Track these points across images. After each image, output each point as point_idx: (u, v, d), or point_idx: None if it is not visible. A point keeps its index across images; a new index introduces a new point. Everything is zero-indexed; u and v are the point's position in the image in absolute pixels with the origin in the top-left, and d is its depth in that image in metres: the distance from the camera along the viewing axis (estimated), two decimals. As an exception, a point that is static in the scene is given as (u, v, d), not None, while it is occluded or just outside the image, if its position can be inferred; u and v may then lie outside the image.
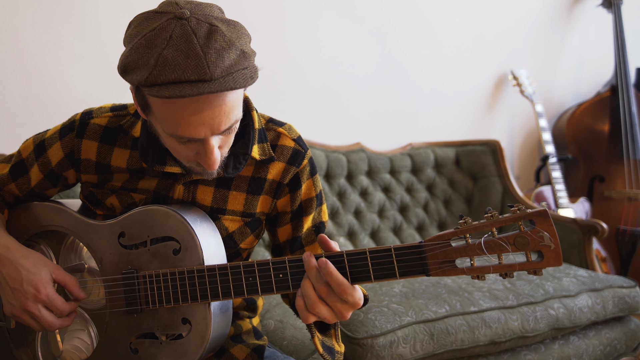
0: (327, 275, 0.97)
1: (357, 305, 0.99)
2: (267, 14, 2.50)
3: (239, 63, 0.91)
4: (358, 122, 2.76)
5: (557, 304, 1.98)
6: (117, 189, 1.19)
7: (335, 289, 0.97)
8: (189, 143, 0.99)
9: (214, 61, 0.89)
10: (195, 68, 0.88)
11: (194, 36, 0.89)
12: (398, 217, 2.59)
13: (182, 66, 0.88)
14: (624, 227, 2.98)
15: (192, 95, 0.88)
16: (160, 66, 0.89)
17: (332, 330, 1.15)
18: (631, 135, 3.02)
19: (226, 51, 0.90)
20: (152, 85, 0.90)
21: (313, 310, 0.98)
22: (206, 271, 1.06)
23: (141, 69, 0.90)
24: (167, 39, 0.90)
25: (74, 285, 1.13)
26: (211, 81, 0.89)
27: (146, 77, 0.89)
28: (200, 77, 0.88)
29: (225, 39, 0.91)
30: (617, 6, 3.15)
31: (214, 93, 0.90)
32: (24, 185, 1.23)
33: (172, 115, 0.94)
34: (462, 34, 2.97)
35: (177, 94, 0.88)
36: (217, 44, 0.90)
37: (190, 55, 0.88)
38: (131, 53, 0.92)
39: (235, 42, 0.92)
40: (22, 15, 2.07)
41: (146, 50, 0.90)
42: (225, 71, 0.90)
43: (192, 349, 1.07)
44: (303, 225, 1.24)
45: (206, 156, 0.99)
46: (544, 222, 0.92)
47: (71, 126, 1.19)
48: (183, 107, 0.92)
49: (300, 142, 1.22)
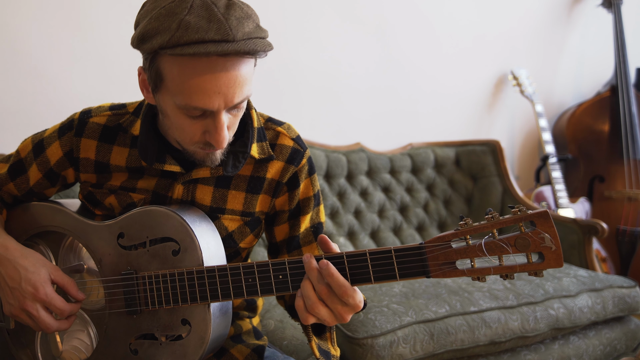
0: (328, 276, 0.97)
1: (358, 308, 0.99)
2: (267, 14, 2.50)
3: (256, 32, 0.96)
4: (358, 122, 2.76)
5: (557, 304, 1.98)
6: (116, 189, 1.19)
7: (336, 291, 0.97)
8: (200, 119, 1.00)
9: (235, 25, 0.93)
10: (218, 30, 0.91)
11: (214, 6, 0.93)
12: (398, 217, 2.59)
13: (205, 28, 0.91)
14: (624, 227, 2.97)
15: (217, 53, 0.91)
16: (183, 29, 0.91)
17: (327, 333, 1.15)
18: (631, 135, 3.02)
19: (245, 20, 0.95)
20: (174, 45, 0.92)
21: (313, 312, 0.98)
22: (205, 272, 1.05)
23: (162, 34, 0.93)
24: (188, 7, 0.93)
25: (72, 287, 1.12)
26: (234, 42, 0.92)
27: (168, 39, 0.92)
28: (223, 37, 0.91)
29: (243, 11, 0.96)
30: (617, 6, 3.15)
31: (235, 55, 0.94)
32: (22, 185, 1.22)
33: (187, 83, 0.95)
34: (462, 34, 2.97)
35: (202, 50, 0.90)
36: (236, 13, 0.94)
37: (213, 20, 0.92)
38: (150, 22, 0.94)
39: (251, 14, 0.97)
40: (22, 15, 2.06)
41: (167, 17, 0.93)
42: (247, 35, 0.94)
43: (192, 350, 1.07)
44: (300, 225, 1.24)
45: (216, 132, 1.00)
46: (545, 223, 0.91)
47: (70, 125, 1.19)
48: (201, 73, 0.94)
49: (299, 142, 1.22)
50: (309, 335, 1.09)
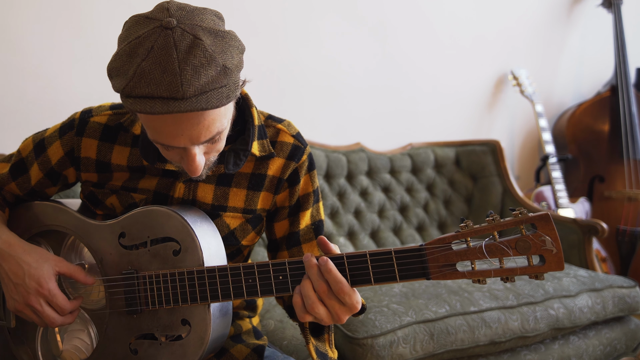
0: (327, 272, 0.97)
1: (355, 309, 1.00)
2: (268, 13, 2.50)
3: (216, 81, 0.90)
4: (358, 122, 2.76)
5: (557, 304, 1.98)
6: (118, 188, 1.19)
7: (334, 287, 0.97)
8: (172, 149, 0.99)
9: (189, 78, 0.87)
10: (169, 85, 0.87)
11: (174, 49, 0.88)
12: (398, 217, 2.59)
13: (157, 81, 0.88)
14: (624, 227, 2.98)
15: (162, 112, 0.88)
16: (137, 78, 0.89)
17: (325, 335, 1.16)
18: (631, 135, 3.02)
19: (204, 68, 0.89)
20: (128, 96, 0.90)
21: (311, 310, 0.99)
22: (206, 272, 1.05)
23: (121, 77, 0.91)
24: (148, 49, 0.89)
25: (80, 273, 1.13)
26: (182, 100, 0.87)
27: (123, 87, 0.90)
28: (172, 94, 0.87)
29: (206, 54, 0.89)
30: (617, 6, 3.15)
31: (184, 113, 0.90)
32: (24, 185, 1.22)
33: (151, 124, 0.95)
34: (462, 34, 2.97)
35: (148, 110, 0.88)
36: (195, 60, 0.88)
37: (167, 70, 0.87)
38: (116, 59, 0.92)
39: (217, 57, 0.90)
40: (22, 15, 2.06)
41: (128, 58, 0.90)
42: (199, 90, 0.88)
43: (192, 350, 1.07)
44: (300, 221, 1.24)
45: (187, 163, 1.00)
46: (546, 226, 0.91)
47: (71, 124, 1.19)
48: (160, 120, 0.93)
49: (300, 138, 1.23)
50: (306, 337, 1.09)
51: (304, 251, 1.24)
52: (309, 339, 1.09)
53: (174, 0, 0.96)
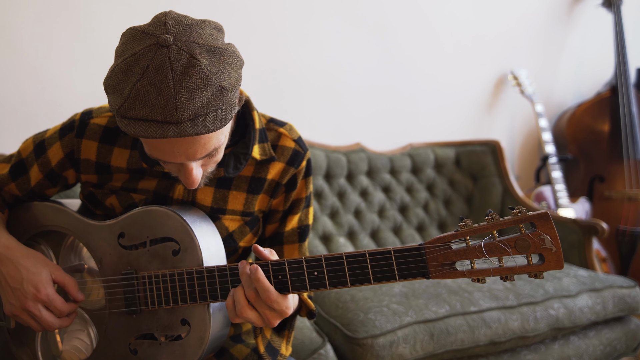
0: (256, 281, 0.99)
1: (285, 314, 1.02)
2: (268, 14, 2.50)
3: (212, 103, 0.89)
4: (358, 122, 2.76)
5: (557, 304, 1.98)
6: (117, 189, 1.19)
7: (261, 294, 0.99)
8: (169, 164, 1.00)
9: (183, 102, 0.86)
10: (164, 108, 0.86)
11: (170, 70, 0.87)
12: (398, 217, 2.59)
13: (152, 103, 0.87)
14: (624, 227, 2.97)
15: (156, 137, 0.88)
16: (132, 99, 0.88)
17: (286, 331, 1.19)
18: (631, 135, 3.02)
19: (200, 90, 0.87)
20: (123, 117, 0.90)
21: (241, 314, 1.01)
22: (205, 272, 1.06)
23: (117, 96, 0.90)
24: (144, 68, 0.88)
25: (73, 287, 1.13)
26: (177, 124, 0.87)
27: (119, 107, 0.89)
28: (166, 118, 0.87)
29: (202, 75, 0.88)
30: (617, 6, 3.15)
31: (177, 137, 0.89)
32: (23, 185, 1.23)
33: (147, 142, 0.96)
34: (463, 34, 2.97)
35: (142, 134, 0.88)
36: (191, 82, 0.87)
37: (162, 93, 0.87)
38: (112, 75, 0.91)
39: (213, 78, 0.89)
40: (22, 15, 2.07)
41: (124, 76, 0.89)
42: (194, 114, 0.87)
43: (191, 350, 1.07)
44: (287, 223, 1.26)
45: (185, 177, 1.00)
46: (545, 224, 0.91)
47: (71, 126, 1.19)
48: (156, 140, 0.93)
49: (301, 143, 1.23)
50: (255, 332, 1.12)
51: (284, 251, 1.27)
52: (258, 333, 1.12)
53: (172, 12, 0.94)
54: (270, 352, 1.14)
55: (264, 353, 1.12)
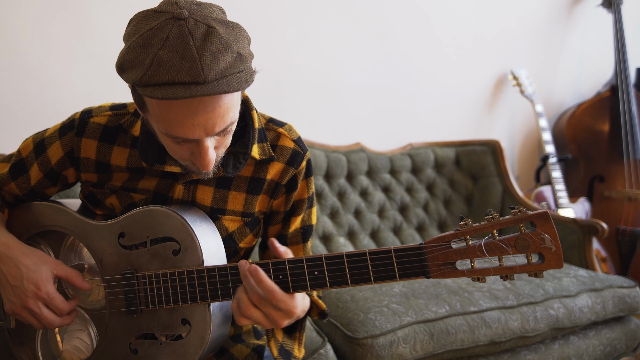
0: (258, 282, 0.98)
1: (292, 314, 1.01)
2: (268, 13, 2.50)
3: (234, 66, 0.91)
4: (358, 122, 2.76)
5: (557, 304, 1.98)
6: (117, 189, 1.19)
7: (266, 295, 0.98)
8: (184, 143, 0.99)
9: (208, 64, 0.88)
10: (190, 70, 0.87)
11: (191, 37, 0.89)
12: (398, 217, 2.59)
13: (177, 67, 0.87)
14: (624, 227, 2.97)
15: (185, 97, 0.87)
16: (155, 66, 0.88)
17: (297, 333, 1.18)
18: (631, 135, 3.02)
19: (222, 54, 0.89)
20: (146, 85, 0.89)
21: (245, 314, 1.00)
22: (206, 272, 1.06)
23: (136, 68, 0.90)
24: (163, 39, 0.89)
25: (77, 277, 1.13)
26: (204, 84, 0.88)
27: (140, 77, 0.89)
28: (193, 79, 0.87)
29: (222, 41, 0.90)
30: (617, 6, 3.15)
31: (206, 96, 0.90)
32: (23, 185, 1.22)
33: (166, 115, 0.94)
34: (463, 34, 2.97)
35: (170, 95, 0.87)
36: (213, 46, 0.89)
37: (186, 57, 0.88)
38: (128, 52, 0.91)
39: (232, 44, 0.91)
40: (22, 15, 2.07)
41: (142, 49, 0.90)
42: (220, 74, 0.89)
43: (192, 350, 1.07)
44: (290, 225, 1.25)
45: (200, 157, 0.99)
46: (545, 224, 0.91)
47: (71, 125, 1.19)
48: (177, 109, 0.92)
49: (300, 143, 1.22)
50: (268, 335, 1.11)
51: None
52: (271, 337, 1.10)
53: None
54: (284, 355, 1.13)
55: (277, 356, 1.11)
